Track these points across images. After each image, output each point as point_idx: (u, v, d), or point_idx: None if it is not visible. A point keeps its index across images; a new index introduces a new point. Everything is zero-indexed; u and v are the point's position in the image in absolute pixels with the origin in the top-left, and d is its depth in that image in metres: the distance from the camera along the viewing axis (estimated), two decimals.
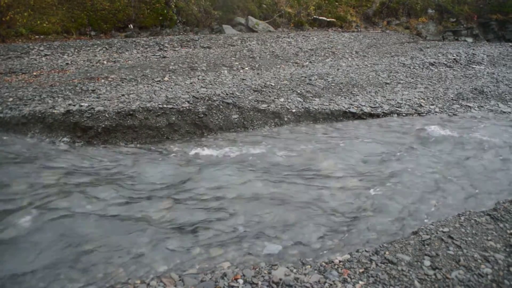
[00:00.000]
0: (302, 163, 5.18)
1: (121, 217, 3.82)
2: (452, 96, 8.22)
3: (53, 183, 4.42)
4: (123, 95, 6.62)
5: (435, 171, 5.00)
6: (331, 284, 2.76)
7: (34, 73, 8.28)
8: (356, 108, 7.13)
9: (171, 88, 7.17)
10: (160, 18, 14.19)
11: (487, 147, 5.82)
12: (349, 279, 2.81)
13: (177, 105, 6.19)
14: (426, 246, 3.18)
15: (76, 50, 10.49)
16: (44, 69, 8.60)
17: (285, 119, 6.66)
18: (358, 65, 10.40)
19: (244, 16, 16.13)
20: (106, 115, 5.81)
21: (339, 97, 7.67)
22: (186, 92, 6.84)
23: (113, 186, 4.43)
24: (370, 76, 9.21)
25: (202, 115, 6.19)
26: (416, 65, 10.74)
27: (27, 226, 3.63)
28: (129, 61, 9.62)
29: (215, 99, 6.55)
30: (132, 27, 13.57)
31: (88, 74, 8.14)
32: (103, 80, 7.71)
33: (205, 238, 3.52)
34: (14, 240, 3.42)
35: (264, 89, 7.44)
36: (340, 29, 17.43)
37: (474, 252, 3.09)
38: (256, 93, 7.19)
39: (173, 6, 14.46)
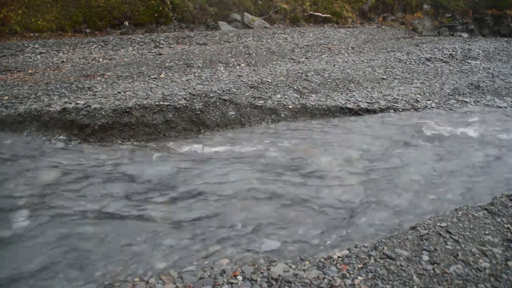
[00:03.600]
0: (300, 159, 5.18)
1: (119, 215, 3.82)
2: (448, 91, 8.23)
3: (50, 181, 4.41)
4: (119, 92, 6.60)
5: (432, 166, 5.01)
6: (330, 280, 2.76)
7: (29, 71, 8.23)
8: (352, 104, 7.13)
9: (168, 85, 7.15)
10: (156, 15, 14.13)
11: (483, 141, 5.84)
12: (348, 275, 2.81)
13: (173, 102, 6.17)
14: (424, 241, 3.19)
15: (71, 47, 10.44)
16: (39, 67, 8.55)
17: (282, 115, 6.65)
18: (354, 61, 10.40)
19: (239, 12, 16.08)
20: (103, 112, 5.79)
21: (336, 93, 7.67)
22: (183, 89, 6.82)
23: (110, 184, 4.42)
24: (367, 71, 9.21)
25: (199, 112, 6.17)
26: (412, 60, 10.75)
27: (24, 226, 3.62)
28: (125, 59, 9.58)
29: (211, 95, 6.53)
30: (127, 24, 13.50)
31: (84, 72, 8.11)
32: (99, 78, 7.67)
33: (203, 235, 3.52)
34: (10, 240, 3.41)
35: (261, 85, 7.43)
36: (336, 25, 17.42)
37: (472, 246, 3.10)
38: (252, 89, 7.18)
39: (168, 3, 14.39)
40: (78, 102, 6.03)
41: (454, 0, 18.70)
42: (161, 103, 6.08)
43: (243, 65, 9.40)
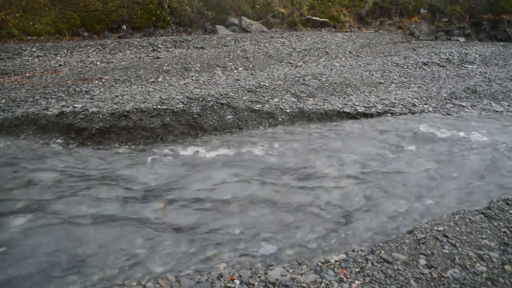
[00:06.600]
0: (297, 163, 5.18)
1: (116, 219, 3.81)
2: (445, 95, 8.27)
3: (47, 185, 4.40)
4: (117, 96, 6.59)
5: (429, 170, 5.02)
6: (327, 284, 2.76)
7: (27, 75, 8.22)
8: (350, 108, 7.15)
9: (165, 89, 7.15)
10: (153, 18, 14.15)
11: (480, 146, 5.86)
12: (345, 279, 2.81)
13: (171, 106, 6.17)
14: (422, 245, 3.19)
15: (69, 51, 10.44)
16: (37, 70, 8.55)
17: (280, 119, 6.66)
18: (351, 65, 10.43)
19: (237, 16, 16.12)
20: (100, 116, 5.78)
21: (333, 97, 7.69)
22: (180, 92, 6.82)
23: (108, 188, 4.41)
24: (364, 76, 9.24)
25: (197, 116, 6.18)
26: (409, 64, 10.79)
27: (21, 229, 3.61)
28: (123, 62, 9.58)
29: (209, 99, 6.54)
30: (125, 27, 13.52)
31: (82, 75, 8.10)
32: (96, 81, 7.67)
33: (200, 239, 3.52)
34: (8, 244, 3.39)
35: (258, 89, 7.44)
36: (333, 29, 17.48)
37: (469, 250, 3.11)
38: (250, 93, 7.19)
39: (166, 6, 14.42)
40: (76, 105, 6.02)
41: (451, 4, 18.80)
42: (159, 107, 6.08)
43: (240, 69, 9.42)
